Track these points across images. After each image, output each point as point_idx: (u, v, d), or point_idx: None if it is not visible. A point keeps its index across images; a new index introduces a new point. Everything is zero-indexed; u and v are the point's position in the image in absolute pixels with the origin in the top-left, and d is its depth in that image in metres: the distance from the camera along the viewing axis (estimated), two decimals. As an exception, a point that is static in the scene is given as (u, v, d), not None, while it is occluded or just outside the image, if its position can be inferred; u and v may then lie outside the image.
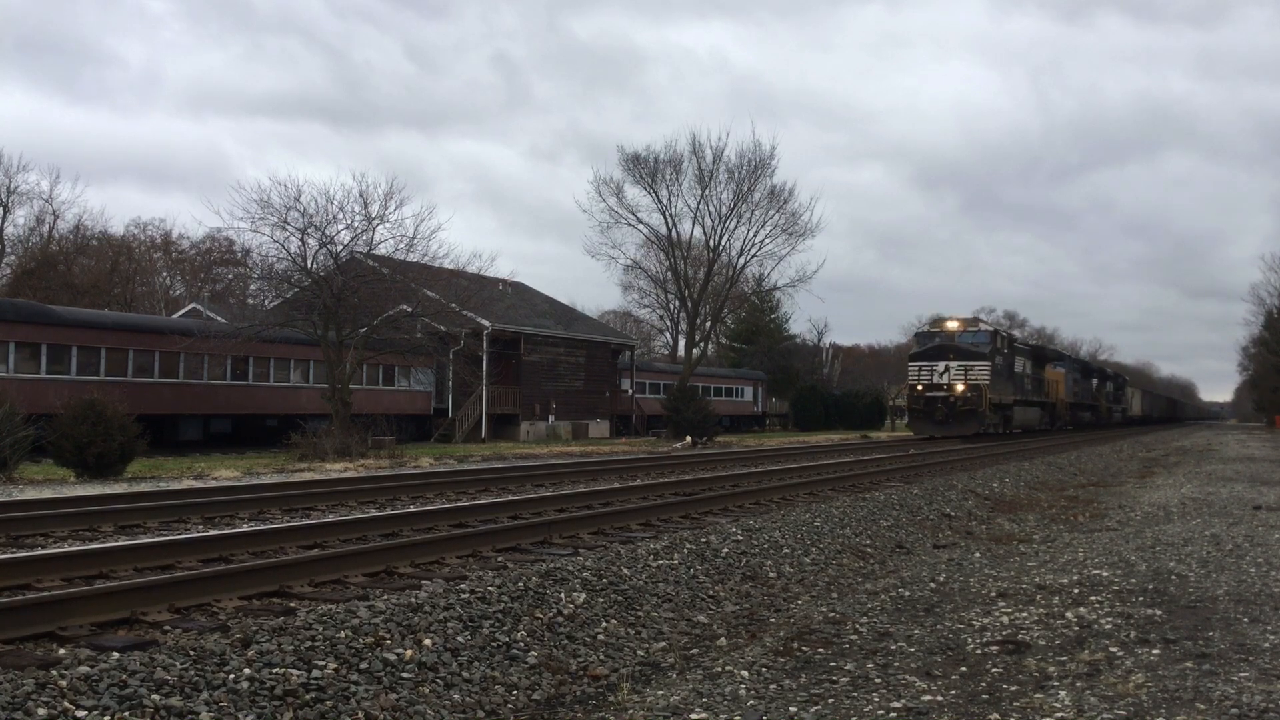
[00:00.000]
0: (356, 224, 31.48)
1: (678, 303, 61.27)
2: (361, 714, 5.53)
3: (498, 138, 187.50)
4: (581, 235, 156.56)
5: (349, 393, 31.12)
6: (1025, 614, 7.86)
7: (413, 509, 13.44)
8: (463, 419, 43.12)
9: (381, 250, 32.82)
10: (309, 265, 31.59)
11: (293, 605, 7.38)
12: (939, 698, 5.77)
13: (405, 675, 6.09)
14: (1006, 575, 9.75)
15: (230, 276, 62.93)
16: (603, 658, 7.20)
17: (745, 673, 6.39)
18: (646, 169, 50.68)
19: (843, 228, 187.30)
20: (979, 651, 6.80)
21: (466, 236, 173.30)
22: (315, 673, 5.76)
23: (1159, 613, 7.86)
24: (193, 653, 5.65)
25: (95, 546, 9.31)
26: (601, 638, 7.55)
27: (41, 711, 4.83)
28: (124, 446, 20.94)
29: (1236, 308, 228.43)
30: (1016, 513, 16.58)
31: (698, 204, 51.05)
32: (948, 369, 39.19)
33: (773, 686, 6.08)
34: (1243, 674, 6.09)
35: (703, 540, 10.72)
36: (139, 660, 5.46)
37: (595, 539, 11.15)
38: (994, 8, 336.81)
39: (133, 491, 15.45)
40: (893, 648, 6.98)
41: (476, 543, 10.12)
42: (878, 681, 6.13)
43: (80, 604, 6.59)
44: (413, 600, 7.24)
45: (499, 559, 9.68)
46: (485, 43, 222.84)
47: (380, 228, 31.75)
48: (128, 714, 4.95)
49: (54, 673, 5.22)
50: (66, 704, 4.94)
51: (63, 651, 5.87)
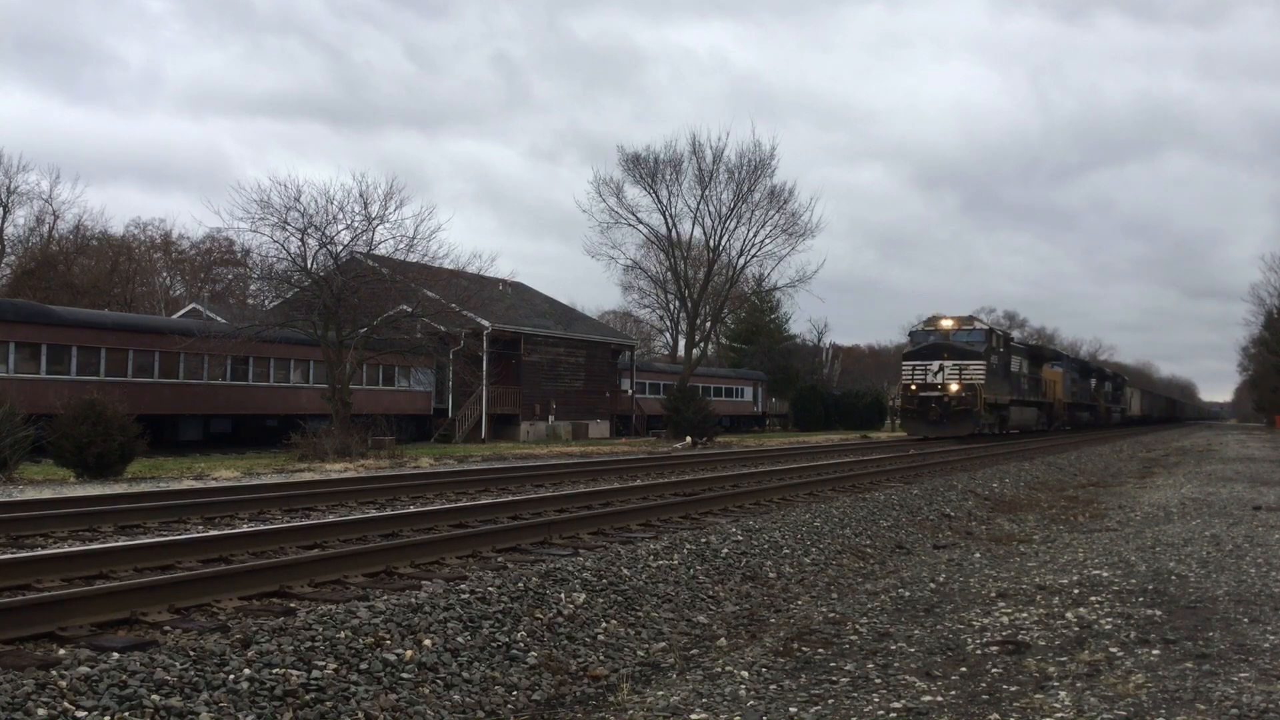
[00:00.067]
0: (356, 224, 31.56)
1: (678, 303, 61.29)
2: (361, 714, 5.54)
3: (498, 138, 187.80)
4: (581, 235, 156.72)
5: (349, 393, 31.13)
6: (1025, 614, 7.86)
7: (413, 509, 13.45)
8: (463, 419, 43.13)
9: (381, 250, 32.84)
10: (309, 265, 31.61)
11: (293, 605, 7.39)
12: (939, 698, 5.77)
13: (405, 675, 6.09)
14: (1006, 575, 9.75)
15: (230, 277, 62.96)
16: (603, 658, 7.20)
17: (745, 673, 6.39)
18: (646, 169, 50.75)
19: (843, 228, 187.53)
20: (979, 652, 6.80)
21: (466, 236, 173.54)
22: (315, 673, 5.76)
23: (1159, 613, 7.86)
24: (193, 653, 5.65)
25: (95, 547, 9.31)
26: (601, 638, 7.55)
27: (41, 712, 4.83)
28: (124, 446, 20.95)
29: (1236, 308, 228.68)
30: (1016, 513, 16.59)
31: (698, 204, 51.15)
32: (942, 368, 38.59)
33: (773, 687, 6.08)
34: (1243, 674, 6.10)
35: (703, 540, 10.73)
36: (139, 660, 5.46)
37: (595, 539, 11.15)
38: (994, 8, 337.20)
39: (133, 492, 15.46)
40: (893, 648, 6.98)
41: (476, 543, 10.13)
42: (878, 682, 6.13)
43: (80, 604, 6.59)
44: (413, 600, 7.24)
45: (499, 559, 9.68)
46: (485, 43, 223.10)
47: (380, 228, 31.83)
48: (128, 714, 4.95)
49: (54, 673, 5.22)
50: (66, 704, 4.94)
51: (63, 652, 5.87)
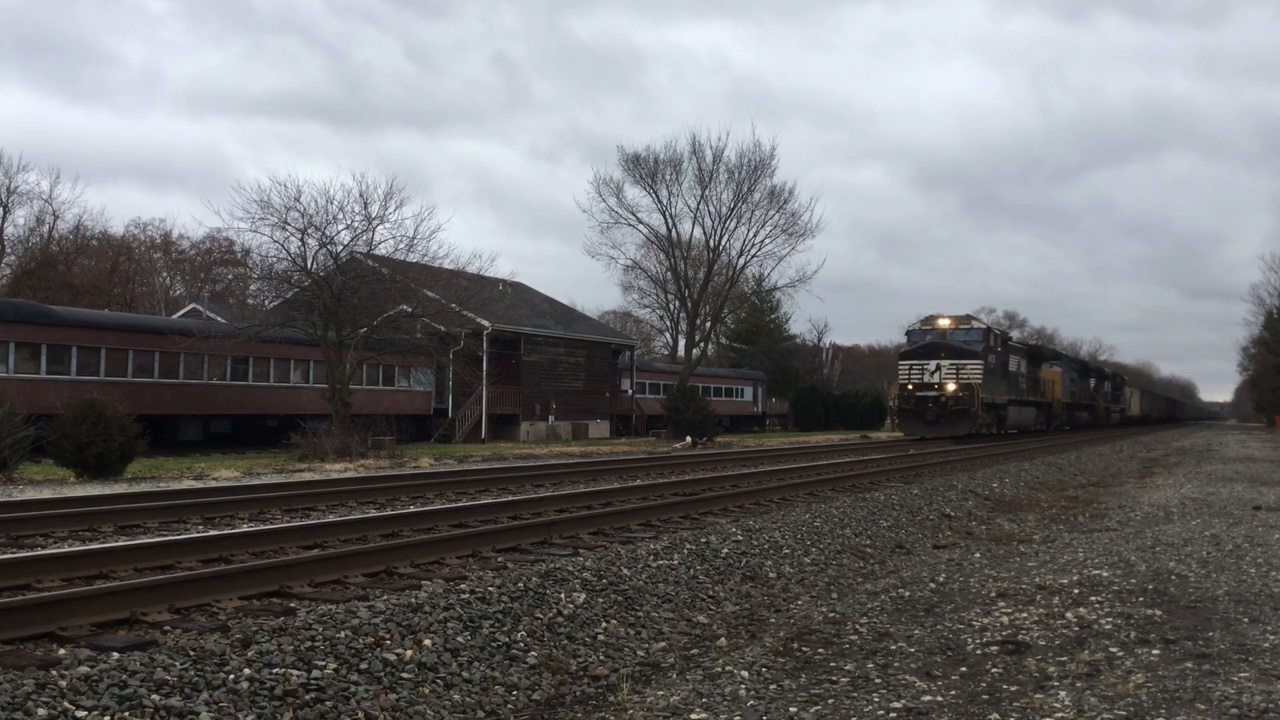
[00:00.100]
0: (356, 224, 31.57)
1: (678, 303, 61.31)
2: (361, 714, 5.54)
3: (498, 138, 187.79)
4: (581, 235, 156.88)
5: (349, 393, 31.13)
6: (1025, 614, 7.86)
7: (413, 509, 13.45)
8: (463, 419, 43.13)
9: (381, 250, 32.85)
10: (309, 265, 31.62)
11: (293, 605, 7.38)
12: (939, 698, 5.77)
13: (405, 675, 6.09)
14: (1006, 575, 9.75)
15: (230, 277, 62.95)
16: (603, 658, 7.20)
17: (745, 673, 6.39)
18: (646, 169, 50.78)
19: (843, 228, 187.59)
20: (979, 652, 6.80)
21: (466, 236, 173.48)
22: (315, 673, 5.76)
23: (1159, 613, 7.86)
24: (193, 653, 5.65)
25: (95, 547, 9.31)
26: (601, 638, 7.55)
27: (41, 712, 4.83)
28: (124, 446, 20.95)
29: (1236, 308, 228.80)
30: (1016, 513, 16.58)
31: (698, 204, 51.17)
32: (939, 367, 38.09)
33: (773, 687, 6.08)
34: (1243, 674, 6.10)
35: (703, 540, 10.72)
36: (139, 660, 5.46)
37: (595, 539, 11.15)
38: (994, 8, 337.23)
39: (133, 492, 15.46)
40: (893, 648, 6.98)
41: (476, 543, 10.12)
42: (878, 682, 6.13)
43: (80, 604, 6.59)
44: (413, 600, 7.24)
45: (499, 559, 9.68)
46: (485, 43, 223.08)
47: (380, 228, 31.84)
48: (128, 714, 4.95)
49: (54, 673, 5.22)
50: (66, 704, 4.94)
51: (63, 652, 5.87)
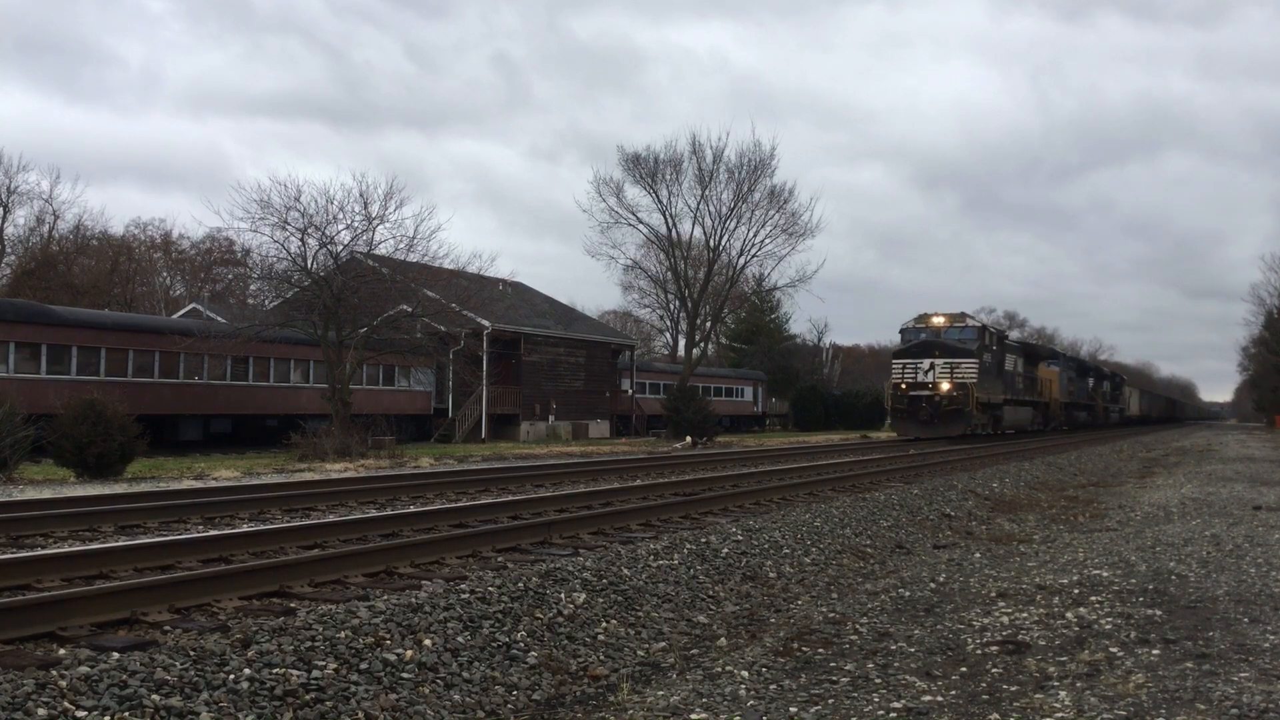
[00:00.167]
0: (356, 224, 31.57)
1: (678, 303, 61.32)
2: (361, 714, 5.53)
3: (498, 138, 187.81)
4: (581, 235, 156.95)
5: (349, 393, 31.13)
6: (1025, 614, 7.85)
7: (413, 509, 13.45)
8: (463, 419, 43.13)
9: (381, 250, 32.85)
10: (309, 265, 31.62)
11: (293, 605, 7.38)
12: (939, 698, 5.77)
13: (405, 675, 6.09)
14: (1006, 575, 9.75)
15: (230, 276, 62.95)
16: (603, 658, 7.20)
17: (745, 673, 6.39)
18: (646, 169, 50.78)
19: (843, 228, 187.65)
20: (979, 652, 6.80)
21: (466, 236, 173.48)
22: (315, 673, 5.76)
23: (1159, 613, 7.86)
24: (193, 653, 5.65)
25: (95, 546, 9.31)
26: (601, 638, 7.55)
27: (41, 712, 4.83)
28: (124, 446, 20.95)
29: (1236, 308, 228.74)
30: (1016, 513, 16.58)
31: (698, 204, 51.17)
32: (933, 366, 37.27)
33: (773, 687, 6.08)
34: (1243, 674, 6.09)
35: (703, 540, 10.72)
36: (139, 660, 5.46)
37: (595, 539, 11.15)
38: (994, 8, 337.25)
39: (133, 492, 15.45)
40: (893, 648, 6.98)
41: (476, 543, 10.12)
42: (878, 682, 6.13)
43: (80, 604, 6.59)
44: (413, 600, 7.24)
45: (499, 559, 9.68)
46: (485, 43, 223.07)
47: (380, 228, 31.85)
48: (128, 714, 4.95)
49: (54, 673, 5.22)
50: (66, 704, 4.94)
51: (63, 652, 5.87)
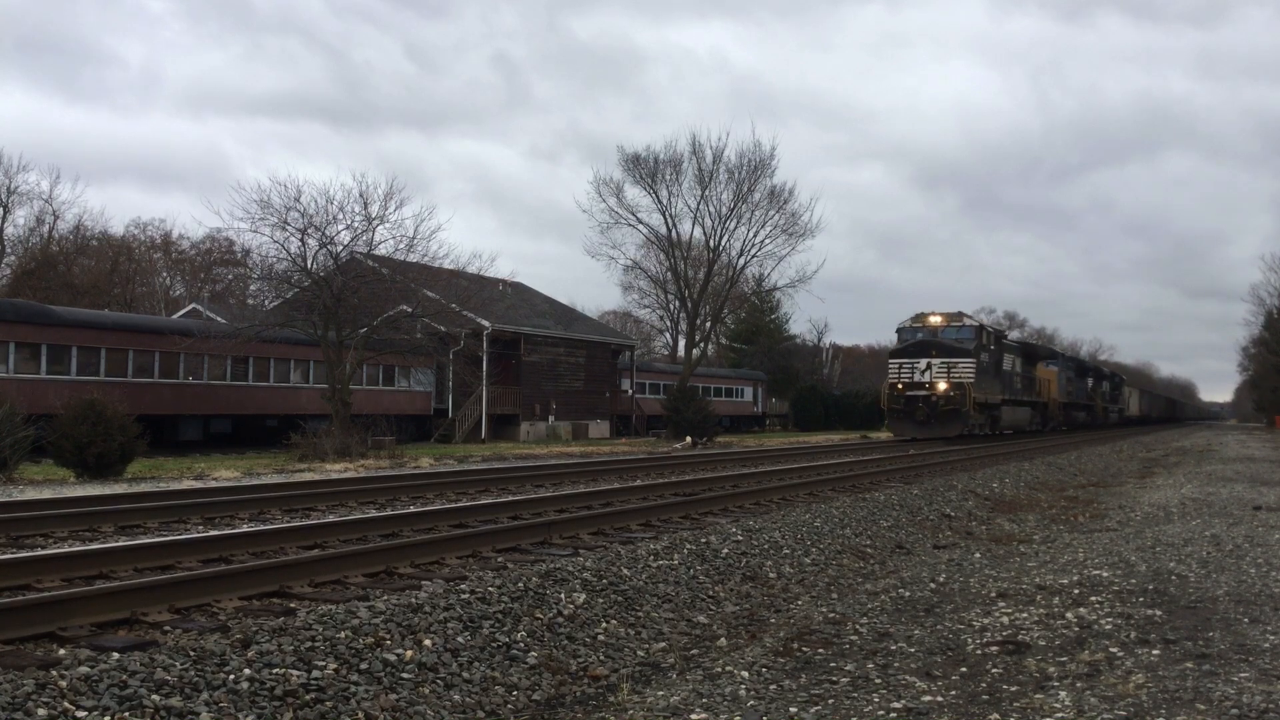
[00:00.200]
0: (356, 224, 31.60)
1: (678, 303, 61.30)
2: (361, 714, 5.53)
3: (498, 138, 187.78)
4: (581, 235, 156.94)
5: (349, 393, 31.14)
6: (1025, 614, 7.85)
7: (413, 509, 13.45)
8: (463, 419, 43.13)
9: (381, 250, 32.86)
10: (309, 265, 31.63)
11: (293, 605, 7.38)
12: (939, 698, 5.77)
13: (405, 675, 6.09)
14: (1006, 576, 9.75)
15: (230, 277, 62.95)
16: (603, 658, 7.20)
17: (745, 673, 6.39)
18: (646, 169, 50.83)
19: (843, 228, 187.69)
20: (979, 652, 6.80)
21: (466, 236, 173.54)
22: (315, 673, 5.76)
23: (1159, 613, 7.86)
24: (193, 653, 5.65)
25: (95, 547, 9.31)
26: (601, 638, 7.55)
27: (41, 712, 4.83)
28: (124, 447, 20.95)
29: (1236, 308, 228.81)
30: (1016, 513, 16.58)
31: (698, 204, 51.22)
32: (929, 366, 36.77)
33: (773, 687, 6.08)
34: (1243, 674, 6.09)
35: (703, 541, 10.72)
36: (139, 660, 5.46)
37: (595, 539, 11.15)
38: (994, 8, 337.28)
39: (133, 492, 15.46)
40: (893, 648, 6.98)
41: (476, 543, 10.12)
42: (878, 682, 6.13)
43: (80, 604, 6.58)
44: (413, 600, 7.23)
45: (499, 559, 9.68)
46: (485, 43, 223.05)
47: (380, 228, 31.88)
48: (128, 714, 4.95)
49: (54, 673, 5.21)
50: (66, 704, 4.94)
51: (63, 652, 5.87)
